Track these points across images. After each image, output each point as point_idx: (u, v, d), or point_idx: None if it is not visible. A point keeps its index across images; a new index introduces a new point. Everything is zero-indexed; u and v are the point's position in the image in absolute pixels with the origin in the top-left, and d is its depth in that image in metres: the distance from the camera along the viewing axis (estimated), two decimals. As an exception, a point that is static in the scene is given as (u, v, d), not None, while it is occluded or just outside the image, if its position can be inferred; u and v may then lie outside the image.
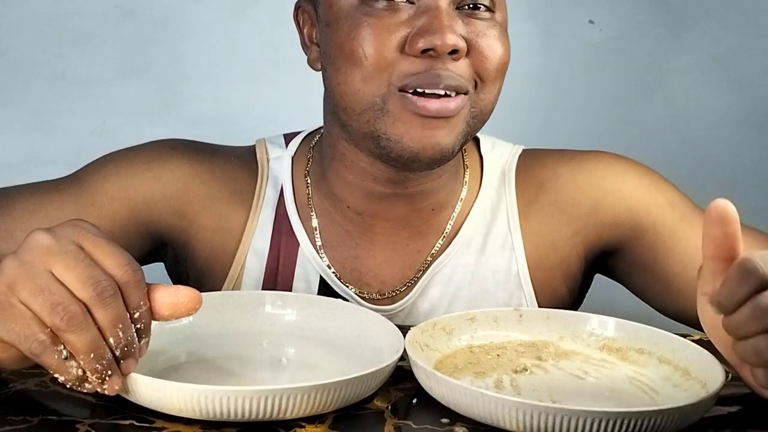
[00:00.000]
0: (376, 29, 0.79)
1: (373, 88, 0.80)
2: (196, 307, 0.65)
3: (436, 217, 0.93)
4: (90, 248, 0.61)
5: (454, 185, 0.94)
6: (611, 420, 0.59)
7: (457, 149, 0.83)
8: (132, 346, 0.62)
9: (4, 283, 0.60)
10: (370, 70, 0.79)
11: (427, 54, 0.78)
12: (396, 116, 0.80)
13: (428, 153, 0.81)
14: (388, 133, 0.81)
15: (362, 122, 0.82)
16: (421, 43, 0.78)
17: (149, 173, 0.92)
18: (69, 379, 0.61)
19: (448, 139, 0.81)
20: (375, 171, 0.87)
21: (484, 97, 0.83)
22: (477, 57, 0.81)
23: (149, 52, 1.72)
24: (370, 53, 0.79)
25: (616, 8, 1.75)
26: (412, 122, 0.80)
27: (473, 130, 0.84)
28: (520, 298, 0.93)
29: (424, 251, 0.93)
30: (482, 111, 0.84)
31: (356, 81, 0.80)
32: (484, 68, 0.81)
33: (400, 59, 0.79)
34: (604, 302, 0.96)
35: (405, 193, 0.89)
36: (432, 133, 0.80)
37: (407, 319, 0.92)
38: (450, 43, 0.78)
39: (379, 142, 0.82)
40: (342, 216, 0.92)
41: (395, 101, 0.80)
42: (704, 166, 1.71)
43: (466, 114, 0.82)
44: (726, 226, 0.62)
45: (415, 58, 0.79)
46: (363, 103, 0.81)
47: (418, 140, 0.80)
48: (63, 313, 0.58)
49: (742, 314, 0.60)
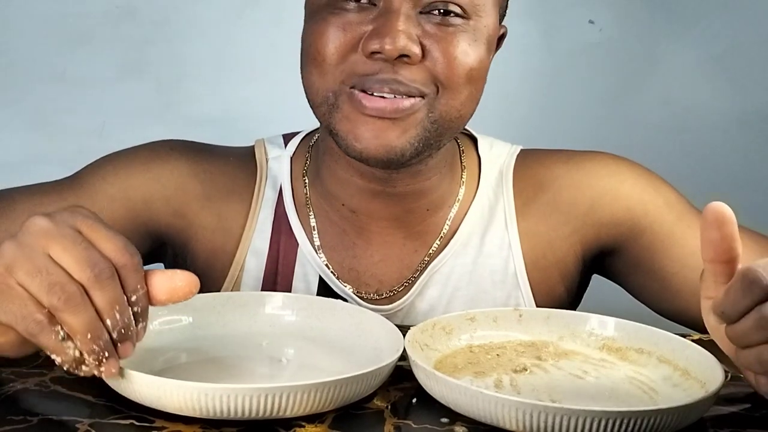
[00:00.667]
0: (333, 26, 0.80)
1: (326, 83, 0.82)
2: (193, 291, 0.65)
3: (432, 217, 0.93)
4: (88, 232, 0.62)
5: (450, 185, 0.94)
6: (611, 420, 0.59)
7: (412, 153, 0.82)
8: (129, 329, 0.62)
9: (1, 264, 0.60)
10: (324, 67, 0.81)
11: (378, 56, 0.79)
12: (344, 113, 0.81)
13: (375, 153, 0.80)
14: (337, 129, 0.82)
15: (320, 116, 0.84)
16: (371, 45, 0.78)
17: (148, 174, 0.92)
18: (66, 360, 0.61)
19: (399, 141, 0.80)
20: (359, 166, 0.87)
21: (445, 102, 0.82)
22: (434, 63, 0.80)
23: (149, 52, 1.72)
24: (324, 49, 0.81)
25: (616, 8, 1.75)
26: (357, 120, 0.80)
27: (436, 135, 0.83)
28: (517, 298, 0.93)
29: (421, 251, 0.93)
30: (443, 117, 0.82)
31: (314, 75, 0.82)
32: (443, 74, 0.80)
33: (353, 58, 0.80)
34: (603, 302, 0.96)
35: (395, 192, 0.89)
36: (377, 134, 0.80)
37: (405, 319, 0.92)
38: (399, 46, 0.77)
39: (335, 138, 0.84)
40: (338, 215, 0.92)
41: (344, 98, 0.81)
42: (704, 166, 1.71)
43: (423, 118, 0.81)
44: (723, 228, 0.62)
45: (366, 59, 0.79)
46: (319, 97, 0.83)
47: (363, 139, 0.80)
48: (60, 293, 0.59)
49: (745, 324, 0.60)
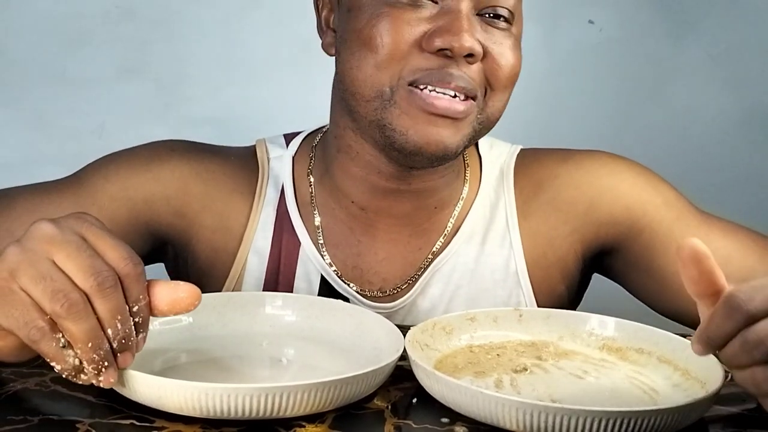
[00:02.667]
0: (397, 20, 0.80)
1: (384, 77, 0.81)
2: (195, 303, 0.65)
3: (438, 215, 0.93)
4: (93, 239, 0.62)
5: (456, 183, 0.94)
6: (611, 420, 0.59)
7: (461, 151, 0.84)
8: (129, 339, 0.62)
9: (5, 269, 0.60)
10: (385, 59, 0.81)
11: (443, 53, 0.80)
12: (403, 109, 0.81)
13: (431, 149, 0.81)
14: (393, 124, 0.82)
15: (369, 110, 0.83)
16: (439, 42, 0.79)
17: (149, 173, 0.92)
18: (65, 368, 0.61)
19: (453, 139, 0.82)
20: (380, 164, 0.87)
21: (492, 104, 0.84)
22: (490, 64, 0.82)
23: (149, 52, 1.72)
24: (387, 42, 0.80)
25: (616, 8, 1.75)
26: (418, 117, 0.81)
27: (478, 135, 0.86)
28: (518, 296, 0.93)
29: (425, 249, 0.93)
30: (489, 118, 0.85)
31: (369, 67, 0.81)
32: (496, 76, 0.83)
33: (414, 54, 0.81)
34: (603, 302, 0.96)
35: (409, 190, 0.89)
36: (437, 130, 0.81)
37: (407, 317, 0.92)
38: (467, 45, 0.79)
39: (384, 132, 0.83)
40: (345, 212, 0.92)
41: (403, 95, 0.81)
42: (704, 166, 1.71)
43: (473, 119, 0.83)
44: (700, 264, 0.62)
45: (430, 54, 0.80)
46: (372, 90, 0.82)
47: (422, 135, 0.81)
48: (63, 301, 0.59)
49: (732, 348, 0.61)
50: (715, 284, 0.62)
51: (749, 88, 1.75)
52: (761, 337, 0.59)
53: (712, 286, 0.62)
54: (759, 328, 0.59)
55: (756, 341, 0.59)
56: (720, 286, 0.62)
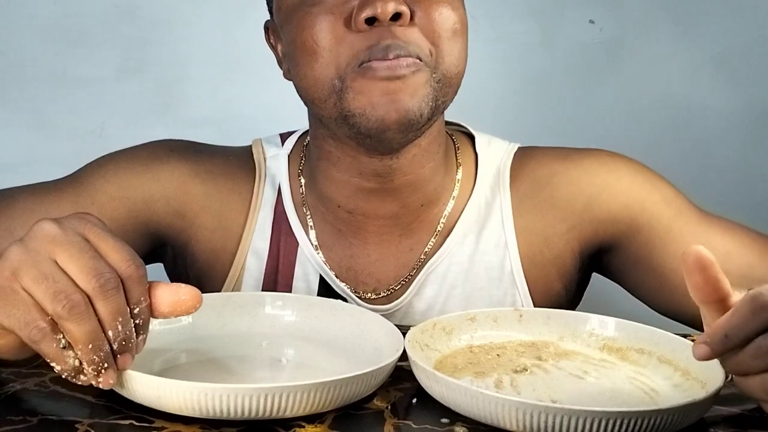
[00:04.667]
0: (321, 14, 0.81)
1: (330, 72, 0.81)
2: (196, 306, 0.65)
3: (426, 213, 0.93)
4: (95, 240, 0.62)
5: (443, 181, 0.93)
6: (611, 420, 0.59)
7: (426, 114, 0.82)
8: (130, 341, 0.62)
9: (7, 268, 0.60)
10: (325, 56, 0.81)
11: (373, 26, 0.79)
12: (356, 90, 0.80)
13: (393, 117, 0.80)
14: (352, 109, 0.81)
15: (329, 108, 0.83)
16: (363, 13, 0.78)
17: (148, 173, 0.92)
18: (65, 369, 0.61)
19: (412, 102, 0.80)
20: (360, 165, 0.87)
21: (442, 60, 0.82)
22: (425, 20, 0.81)
23: (149, 52, 1.72)
24: (321, 38, 0.80)
25: (616, 8, 1.74)
26: (372, 90, 0.80)
27: (442, 95, 0.83)
28: (514, 296, 0.93)
29: (417, 249, 0.93)
30: (445, 75, 0.83)
31: (314, 69, 0.82)
32: (434, 30, 0.81)
33: (349, 37, 0.80)
34: (603, 302, 0.96)
35: (392, 187, 0.89)
36: (393, 97, 0.80)
37: (404, 319, 0.92)
38: (390, 9, 0.78)
39: (348, 121, 0.82)
40: (334, 216, 0.92)
41: (353, 77, 0.80)
42: (704, 166, 1.71)
43: (428, 78, 0.81)
44: (705, 271, 0.61)
45: (362, 33, 0.79)
46: (325, 90, 0.82)
47: (380, 106, 0.80)
48: (65, 302, 0.59)
49: (751, 350, 0.60)
50: (720, 291, 0.62)
51: (749, 88, 1.75)
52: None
53: (717, 293, 0.62)
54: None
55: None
56: (725, 293, 0.62)
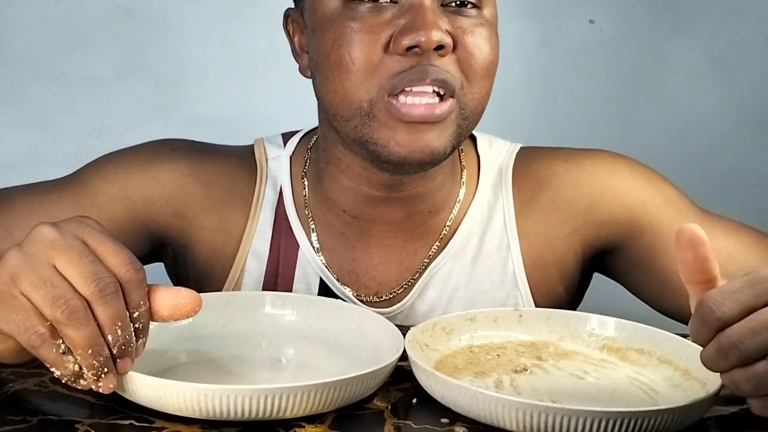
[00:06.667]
0: (361, 32, 0.78)
1: (361, 93, 0.79)
2: (196, 309, 0.65)
3: (434, 219, 0.93)
4: (94, 245, 0.61)
5: (450, 187, 0.93)
6: (611, 420, 0.59)
7: (449, 151, 0.82)
8: (129, 345, 0.62)
9: (6, 273, 0.60)
10: (358, 75, 0.79)
11: (413, 52, 0.78)
12: (381, 122, 0.79)
13: (417, 156, 0.79)
14: (374, 137, 0.80)
15: (350, 128, 0.82)
16: (406, 41, 0.77)
17: (148, 173, 0.92)
18: (65, 374, 0.61)
19: (439, 142, 0.80)
20: (370, 175, 0.86)
21: (472, 97, 0.81)
22: (463, 54, 0.80)
23: (149, 52, 1.72)
24: (357, 57, 0.78)
25: (616, 8, 1.75)
26: (397, 128, 0.79)
27: (465, 131, 0.83)
28: (516, 298, 0.93)
29: (420, 253, 0.93)
30: (472, 111, 0.82)
31: (345, 88, 0.80)
32: (471, 66, 0.80)
33: (386, 60, 0.78)
34: (603, 302, 0.96)
35: (400, 197, 0.89)
36: (419, 136, 0.79)
37: (406, 321, 0.92)
38: (435, 39, 0.77)
39: (368, 147, 0.81)
40: (338, 219, 0.92)
41: (381, 107, 0.79)
42: (704, 166, 1.71)
43: (456, 116, 0.81)
44: (696, 249, 0.62)
45: (400, 57, 0.78)
46: (351, 110, 0.80)
47: (404, 145, 0.79)
48: (64, 307, 0.59)
49: (709, 353, 0.61)
50: (708, 272, 0.62)
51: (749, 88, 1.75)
52: (733, 341, 0.59)
53: (705, 273, 0.62)
54: (731, 333, 0.60)
55: (729, 345, 0.59)
56: (712, 275, 0.62)
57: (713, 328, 0.60)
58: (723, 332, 0.60)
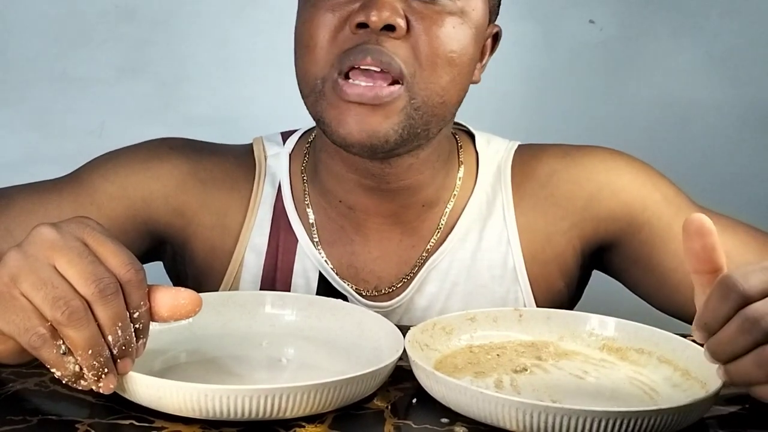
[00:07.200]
0: (322, 10, 0.81)
1: (316, 70, 0.81)
2: (196, 309, 0.65)
3: (429, 213, 0.93)
4: (94, 245, 0.61)
5: (444, 181, 0.93)
6: (611, 420, 0.59)
7: (397, 139, 0.81)
8: (130, 346, 0.62)
9: (6, 274, 0.60)
10: (315, 52, 0.81)
11: (364, 30, 0.79)
12: (329, 101, 0.81)
13: (358, 138, 0.80)
14: (323, 116, 0.82)
15: (309, 106, 0.84)
16: (357, 18, 0.78)
17: (148, 172, 0.92)
18: (65, 375, 0.61)
19: (382, 127, 0.80)
20: (354, 161, 0.87)
21: (425, 86, 0.80)
22: (416, 39, 0.80)
23: (149, 52, 1.72)
24: (314, 34, 0.81)
25: (616, 8, 1.74)
26: (340, 107, 0.80)
27: (419, 123, 0.82)
28: (516, 293, 0.93)
29: (418, 247, 0.93)
30: (425, 102, 0.81)
31: (304, 64, 0.82)
32: (424, 53, 0.80)
33: (339, 37, 0.80)
34: (603, 302, 0.96)
35: (389, 189, 0.89)
36: (360, 119, 0.79)
37: (405, 315, 0.92)
38: (383, 17, 0.77)
39: (321, 126, 0.83)
40: (336, 212, 0.92)
41: (330, 86, 0.80)
42: (704, 166, 1.71)
43: (405, 105, 0.80)
44: (703, 238, 0.62)
45: (352, 35, 0.79)
46: (308, 87, 0.83)
47: (346, 125, 0.80)
48: (64, 308, 0.59)
49: (728, 331, 0.61)
50: (714, 262, 0.63)
51: (749, 87, 1.75)
52: (761, 313, 0.59)
53: (711, 262, 0.63)
54: (758, 305, 0.59)
55: (754, 319, 0.59)
56: (718, 265, 0.63)
57: (736, 302, 0.60)
58: (747, 307, 0.59)
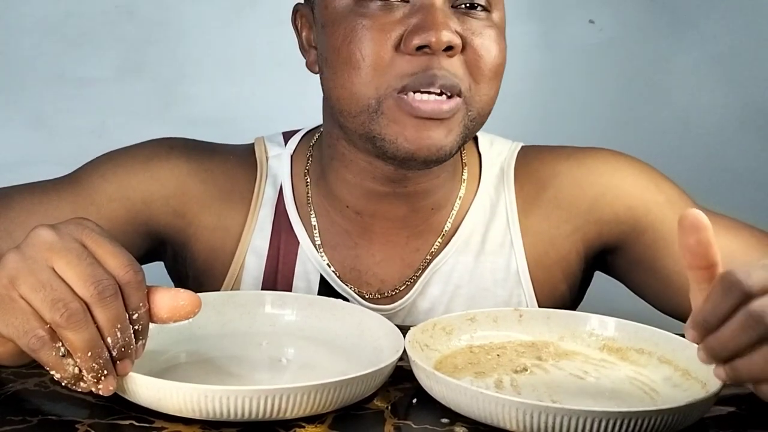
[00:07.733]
0: (372, 30, 0.79)
1: (369, 91, 0.80)
2: (195, 311, 0.65)
3: (435, 216, 0.93)
4: (93, 247, 0.61)
5: (452, 184, 0.93)
6: (611, 420, 0.59)
7: (455, 150, 0.83)
8: (129, 347, 0.62)
9: (5, 276, 0.60)
10: (368, 72, 0.79)
11: (422, 51, 0.78)
12: (390, 118, 0.80)
13: (424, 153, 0.80)
14: (382, 133, 0.81)
15: (357, 124, 0.82)
16: (416, 40, 0.78)
17: (147, 173, 0.92)
18: (65, 377, 0.61)
19: (446, 140, 0.81)
20: (374, 170, 0.87)
21: (479, 98, 0.82)
22: (471, 55, 0.81)
23: (149, 52, 1.72)
24: (367, 54, 0.79)
25: (617, 8, 1.74)
26: (406, 123, 0.80)
27: (471, 132, 0.84)
28: (519, 296, 0.93)
29: (423, 250, 0.93)
30: (479, 113, 0.83)
31: (354, 84, 0.80)
32: (478, 67, 0.81)
33: (396, 59, 0.79)
34: (604, 302, 0.96)
35: (404, 192, 0.89)
36: (427, 134, 0.80)
37: (407, 318, 0.92)
38: (445, 39, 0.77)
39: (375, 143, 0.82)
40: (341, 215, 0.92)
41: (390, 103, 0.80)
42: (705, 166, 1.71)
43: (463, 116, 0.82)
44: (698, 233, 0.62)
45: (410, 56, 0.79)
46: (358, 106, 0.81)
47: (413, 141, 0.80)
48: (63, 310, 0.58)
49: (730, 328, 0.60)
50: (710, 257, 0.62)
51: (749, 88, 1.75)
52: (765, 309, 0.58)
53: (706, 258, 0.62)
54: (761, 301, 0.58)
55: (759, 314, 0.58)
56: (713, 261, 0.62)
57: (739, 299, 0.59)
58: (751, 303, 0.59)
